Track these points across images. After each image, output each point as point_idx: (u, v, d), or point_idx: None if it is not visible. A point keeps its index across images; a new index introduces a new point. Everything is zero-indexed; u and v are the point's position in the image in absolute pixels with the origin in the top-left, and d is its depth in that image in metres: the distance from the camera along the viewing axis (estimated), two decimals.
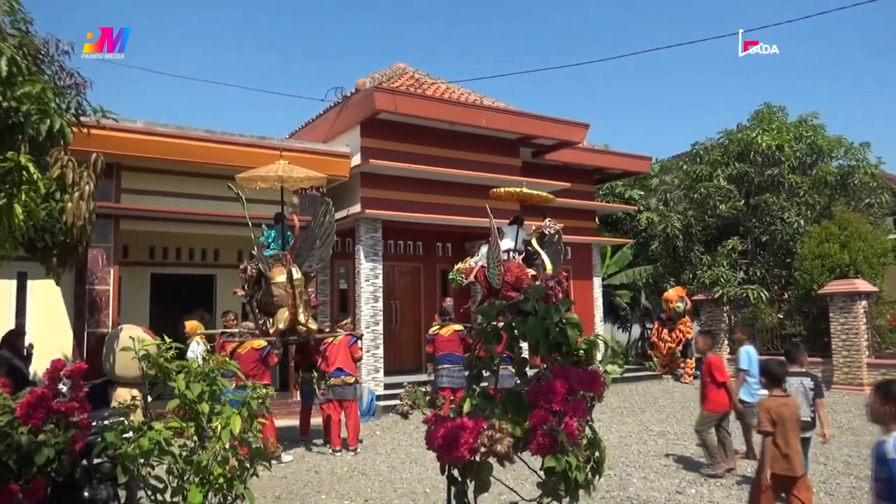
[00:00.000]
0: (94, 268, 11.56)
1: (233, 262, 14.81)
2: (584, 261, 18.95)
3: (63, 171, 7.56)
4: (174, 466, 3.21)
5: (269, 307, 9.01)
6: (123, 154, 11.36)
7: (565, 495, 2.12)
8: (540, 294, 2.27)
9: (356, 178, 13.95)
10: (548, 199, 11.56)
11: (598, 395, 2.22)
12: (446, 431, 2.08)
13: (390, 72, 16.14)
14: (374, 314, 13.86)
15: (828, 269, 15.49)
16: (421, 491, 7.30)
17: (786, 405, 5.47)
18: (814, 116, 18.70)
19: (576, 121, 16.19)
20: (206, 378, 3.36)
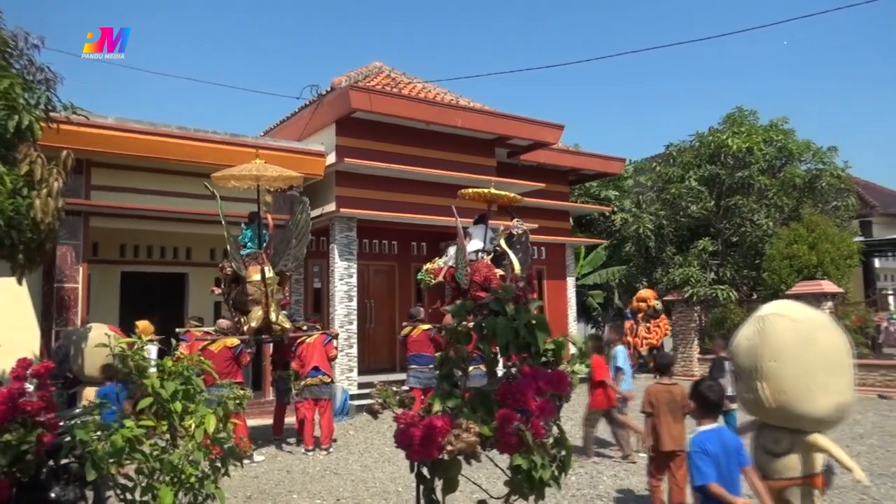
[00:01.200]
0: (62, 265, 11.37)
1: (205, 261, 14.67)
2: (557, 261, 19.09)
3: (31, 167, 7.46)
4: (144, 465, 3.18)
5: (244, 305, 8.98)
6: (94, 150, 11.19)
7: (531, 493, 2.16)
8: (510, 295, 2.31)
9: (331, 176, 13.90)
10: (516, 199, 11.64)
11: (566, 395, 2.26)
12: (415, 430, 2.11)
13: (366, 70, 16.10)
14: (348, 313, 13.83)
15: (796, 269, 15.78)
16: (393, 490, 7.31)
17: (668, 391, 6.08)
18: (783, 121, 19.05)
19: (550, 122, 16.29)
20: (180, 377, 3.34)
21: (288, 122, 16.05)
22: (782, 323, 4.33)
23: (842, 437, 9.53)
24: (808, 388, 4.13)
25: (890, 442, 9.18)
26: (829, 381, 4.17)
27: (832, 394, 4.13)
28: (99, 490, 6.25)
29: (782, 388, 4.15)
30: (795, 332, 4.14)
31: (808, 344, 4.20)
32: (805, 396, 4.13)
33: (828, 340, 4.30)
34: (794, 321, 4.32)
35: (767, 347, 4.26)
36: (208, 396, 3.55)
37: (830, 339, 4.31)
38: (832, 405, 4.14)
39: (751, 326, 4.49)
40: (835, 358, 4.26)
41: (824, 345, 4.26)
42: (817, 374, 4.16)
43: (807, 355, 4.15)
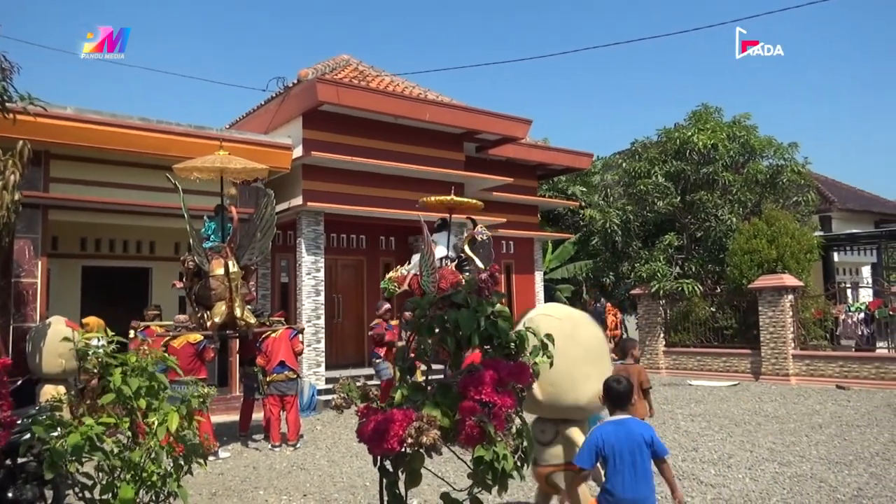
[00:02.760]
0: (20, 260, 11.08)
1: (169, 255, 14.41)
2: (525, 255, 19.21)
3: None
4: (104, 463, 3.11)
5: (207, 300, 8.83)
6: (52, 142, 10.91)
7: (493, 484, 2.16)
8: (472, 287, 2.31)
9: (298, 170, 13.76)
10: (477, 206, 11.74)
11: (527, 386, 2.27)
12: (376, 423, 2.10)
13: (334, 63, 15.95)
14: (315, 308, 13.73)
15: (756, 264, 16.10)
16: (361, 485, 7.29)
17: (625, 370, 6.71)
18: (745, 117, 19.38)
19: (519, 116, 16.35)
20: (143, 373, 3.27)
21: (254, 115, 15.84)
22: (547, 322, 4.65)
23: (801, 426, 9.78)
24: (574, 379, 4.57)
25: (847, 431, 9.44)
26: (590, 371, 4.60)
27: (594, 382, 4.44)
28: (58, 489, 6.11)
29: (551, 382, 4.46)
30: (559, 330, 4.26)
31: (571, 339, 4.53)
32: (571, 387, 4.59)
33: (587, 335, 4.79)
34: (557, 319, 4.76)
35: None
36: (172, 393, 3.49)
37: (590, 334, 4.81)
38: (594, 393, 4.48)
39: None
40: (594, 350, 4.76)
41: (584, 339, 4.73)
42: (581, 365, 4.58)
43: (570, 350, 4.39)
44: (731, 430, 9.66)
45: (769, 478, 7.03)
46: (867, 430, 9.44)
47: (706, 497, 6.38)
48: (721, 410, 11.51)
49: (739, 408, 11.78)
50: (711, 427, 9.97)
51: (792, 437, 9.12)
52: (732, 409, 11.69)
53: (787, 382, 14.97)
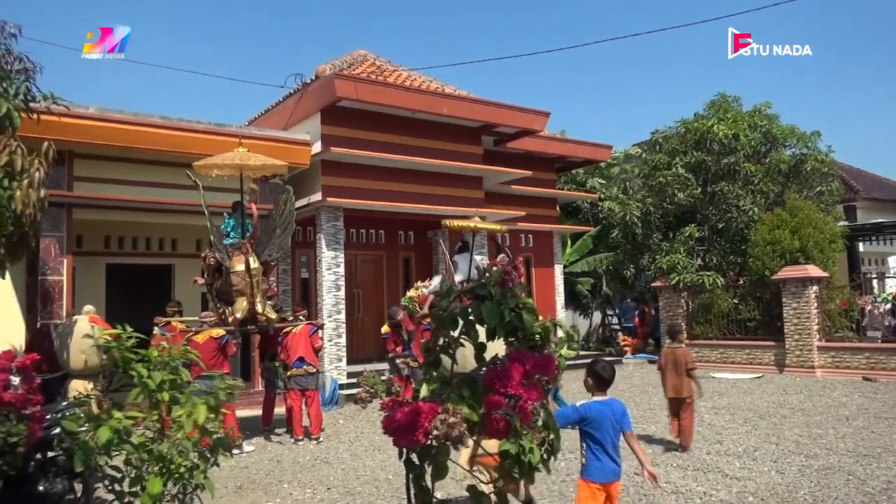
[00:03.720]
0: (45, 258, 11.25)
1: (191, 252, 14.56)
2: (545, 248, 19.14)
3: (11, 157, 7.33)
4: (132, 457, 3.16)
5: (228, 296, 8.91)
6: (76, 141, 11.04)
7: (521, 477, 2.16)
8: (497, 279, 2.30)
9: (317, 165, 13.82)
10: (499, 230, 11.78)
11: (554, 378, 2.26)
12: (402, 416, 2.10)
13: (351, 58, 15.97)
14: (336, 303, 13.79)
15: (779, 255, 15.90)
16: (384, 478, 7.32)
17: (672, 353, 8.22)
18: (766, 106, 19.10)
19: (537, 109, 16.28)
20: (167, 367, 3.31)
21: (272, 112, 15.93)
22: None
23: (827, 419, 9.66)
24: None
25: (874, 423, 9.31)
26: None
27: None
28: (87, 482, 6.21)
29: None
30: None
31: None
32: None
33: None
34: None
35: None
36: (198, 387, 3.52)
37: None
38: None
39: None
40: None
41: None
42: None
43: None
44: (755, 423, 9.57)
45: (796, 471, 6.96)
46: (895, 423, 9.31)
47: (732, 490, 6.33)
48: (745, 403, 11.41)
49: (764, 400, 11.66)
50: (736, 420, 9.89)
51: (818, 429, 9.02)
52: (757, 401, 11.58)
53: (813, 374, 14.79)
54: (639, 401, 12.07)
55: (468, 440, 2.08)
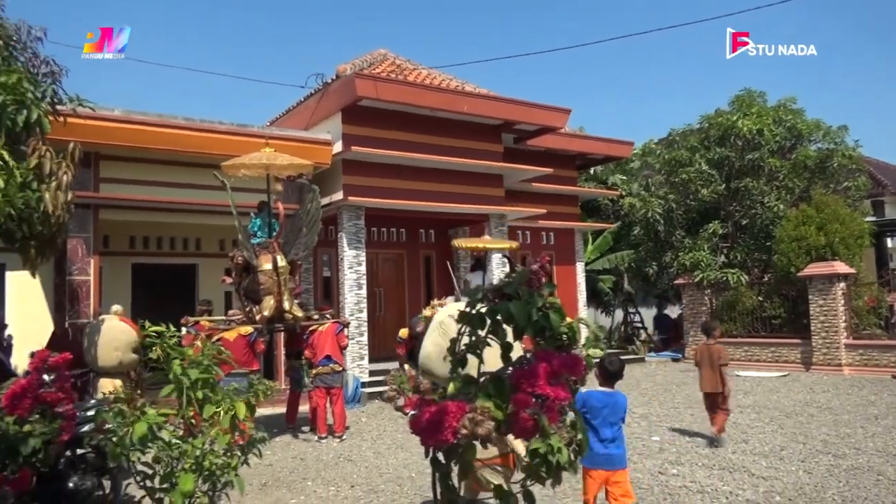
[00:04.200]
0: (73, 258, 11.43)
1: (214, 251, 14.72)
2: (566, 246, 19.06)
3: (40, 160, 7.46)
4: (163, 453, 3.20)
5: (256, 295, 9.01)
6: (101, 143, 11.21)
7: (548, 477, 2.16)
8: (524, 278, 2.30)
9: (338, 165, 13.89)
10: (511, 247, 11.75)
11: (581, 378, 2.25)
12: (430, 415, 2.11)
13: (371, 58, 16.03)
14: (357, 302, 13.86)
15: (805, 251, 15.68)
16: (407, 476, 7.35)
17: (707, 349, 8.45)
18: (791, 101, 18.84)
19: (558, 106, 16.21)
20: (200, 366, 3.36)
21: (293, 112, 16.03)
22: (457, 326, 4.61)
23: (855, 418, 9.51)
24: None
25: None
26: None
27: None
28: (116, 479, 6.32)
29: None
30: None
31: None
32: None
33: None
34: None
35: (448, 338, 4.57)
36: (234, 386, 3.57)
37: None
38: None
39: (434, 333, 4.66)
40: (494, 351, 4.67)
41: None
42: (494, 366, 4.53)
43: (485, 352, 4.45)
44: (781, 422, 9.45)
45: (824, 470, 6.86)
46: None
47: (758, 490, 6.26)
48: (771, 402, 11.27)
49: (790, 399, 11.51)
50: (761, 419, 9.77)
51: (846, 428, 8.88)
52: (783, 400, 11.43)
53: (840, 373, 14.57)
54: (662, 399, 11.98)
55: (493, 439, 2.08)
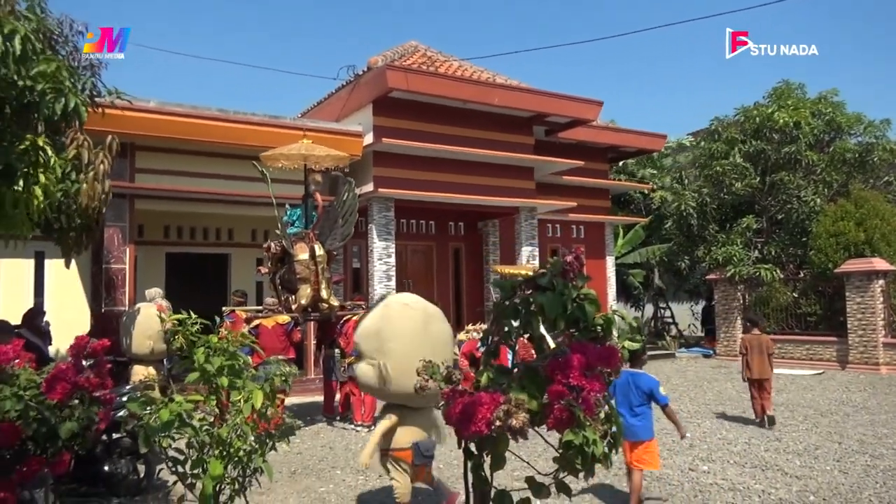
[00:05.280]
0: (109, 247, 11.66)
1: (246, 241, 14.90)
2: (596, 240, 18.91)
3: (79, 151, 7.61)
4: (194, 440, 3.25)
5: (292, 284, 9.12)
6: (137, 134, 11.40)
7: (582, 469, 2.14)
8: (558, 269, 2.27)
9: (368, 157, 13.93)
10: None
11: (615, 370, 2.23)
12: (464, 406, 2.10)
13: (402, 49, 16.02)
14: (387, 293, 13.90)
15: (843, 247, 15.33)
16: (435, 466, 7.34)
17: (756, 339, 9.23)
18: (833, 93, 18.37)
19: (589, 98, 16.05)
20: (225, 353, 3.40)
21: (325, 104, 16.11)
22: (405, 311, 4.98)
23: (893, 418, 9.29)
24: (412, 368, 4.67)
25: None
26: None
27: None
28: (150, 464, 6.45)
29: (397, 366, 4.73)
30: (411, 319, 4.73)
31: (423, 331, 4.85)
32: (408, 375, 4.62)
33: (437, 330, 4.97)
34: (413, 310, 4.99)
35: (390, 331, 4.89)
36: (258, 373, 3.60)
37: (439, 329, 4.99)
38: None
39: (377, 312, 5.08)
40: (441, 345, 4.90)
41: (435, 333, 4.94)
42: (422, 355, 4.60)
43: (419, 340, 4.73)
44: (816, 421, 9.27)
45: (860, 470, 6.71)
46: None
47: (791, 489, 6.15)
48: (805, 400, 11.06)
49: (825, 397, 11.29)
50: (795, 417, 9.59)
51: (884, 428, 8.67)
52: (818, 398, 11.21)
53: (877, 371, 14.24)
54: (693, 395, 11.84)
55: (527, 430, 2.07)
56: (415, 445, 4.92)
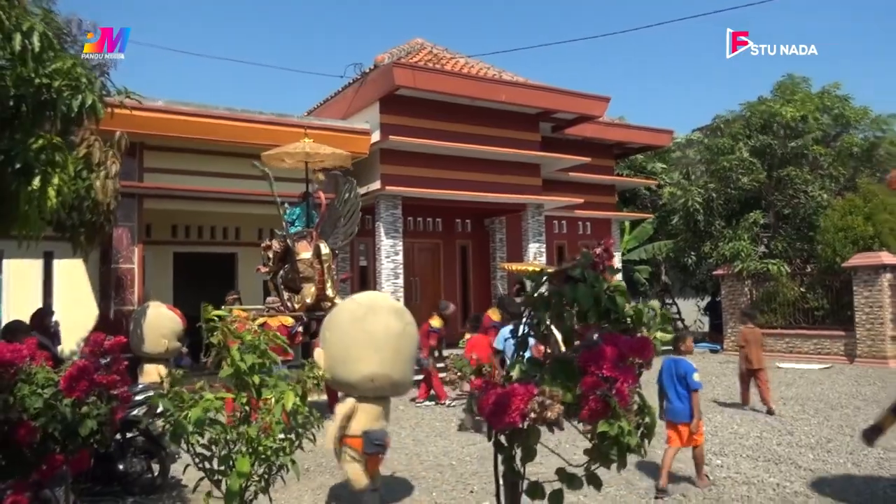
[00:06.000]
0: (118, 246, 11.67)
1: (253, 240, 14.91)
2: (603, 236, 18.80)
3: (90, 150, 7.63)
4: (221, 437, 3.26)
5: (295, 283, 9.09)
6: (146, 133, 11.41)
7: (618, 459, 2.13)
8: (588, 261, 2.27)
9: (376, 154, 13.93)
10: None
11: (648, 361, 2.22)
12: (497, 397, 2.10)
13: (408, 47, 16.01)
14: (394, 290, 13.91)
15: (851, 241, 15.29)
16: (447, 464, 7.37)
17: (753, 331, 9.93)
18: (836, 87, 18.34)
19: (596, 94, 16.02)
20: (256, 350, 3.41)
21: (332, 102, 16.11)
22: (346, 304, 5.32)
23: None
24: (348, 357, 4.95)
25: None
26: (367, 355, 4.91)
27: (369, 365, 4.89)
28: (164, 463, 6.46)
29: (331, 355, 5.00)
30: (350, 312, 4.92)
31: (359, 323, 4.96)
32: (343, 363, 4.97)
33: (378, 324, 4.99)
34: (357, 304, 5.21)
35: (329, 321, 5.29)
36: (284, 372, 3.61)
37: (382, 324, 5.00)
38: (363, 375, 4.91)
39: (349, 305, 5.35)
40: (380, 339, 4.97)
41: (372, 326, 4.98)
42: (359, 348, 4.93)
43: (353, 331, 4.92)
44: (827, 414, 9.26)
45: (873, 463, 6.71)
46: None
47: (805, 481, 6.15)
48: (815, 394, 11.04)
49: (834, 391, 11.27)
50: (806, 411, 9.58)
51: None
52: (827, 392, 11.19)
53: (886, 365, 14.20)
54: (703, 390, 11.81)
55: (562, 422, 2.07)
56: (364, 434, 4.99)
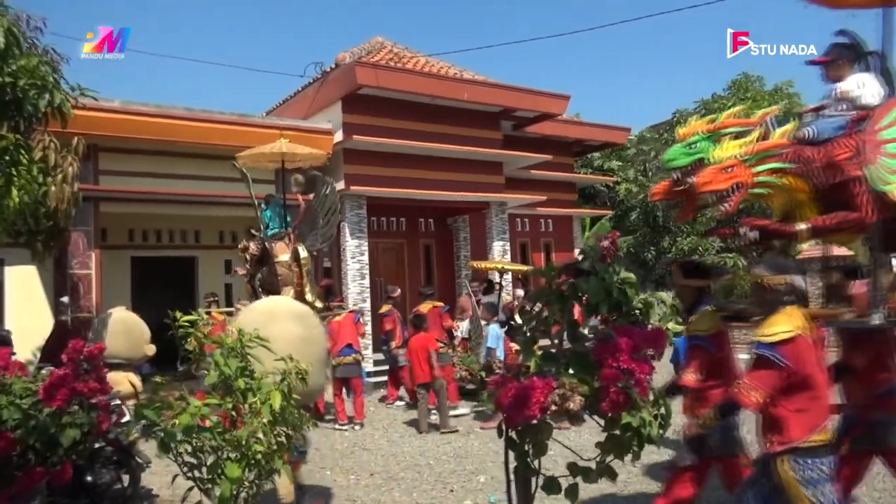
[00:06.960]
0: (74, 252, 11.28)
1: (214, 243, 14.61)
2: (564, 233, 19.08)
3: (45, 152, 7.35)
4: (208, 444, 3.16)
5: (272, 286, 8.92)
6: (101, 134, 11.04)
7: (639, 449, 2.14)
8: (597, 254, 2.27)
9: (339, 154, 13.76)
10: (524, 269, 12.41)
11: (660, 352, 2.24)
12: (516, 391, 2.08)
13: (368, 46, 15.89)
14: (361, 291, 13.80)
15: None
16: (424, 463, 7.35)
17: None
18: (788, 85, 18.90)
19: (556, 92, 16.14)
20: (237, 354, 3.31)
21: (292, 101, 15.88)
22: (245, 313, 5.28)
23: None
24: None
25: None
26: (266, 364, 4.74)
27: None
28: (134, 473, 6.26)
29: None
30: (250, 322, 4.72)
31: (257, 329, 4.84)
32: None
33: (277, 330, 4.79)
34: (255, 312, 5.16)
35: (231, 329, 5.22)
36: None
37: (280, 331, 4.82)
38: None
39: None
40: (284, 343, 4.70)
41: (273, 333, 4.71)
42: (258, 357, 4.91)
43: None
44: None
45: None
46: None
47: None
48: None
49: None
50: None
51: None
52: None
53: None
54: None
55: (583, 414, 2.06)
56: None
